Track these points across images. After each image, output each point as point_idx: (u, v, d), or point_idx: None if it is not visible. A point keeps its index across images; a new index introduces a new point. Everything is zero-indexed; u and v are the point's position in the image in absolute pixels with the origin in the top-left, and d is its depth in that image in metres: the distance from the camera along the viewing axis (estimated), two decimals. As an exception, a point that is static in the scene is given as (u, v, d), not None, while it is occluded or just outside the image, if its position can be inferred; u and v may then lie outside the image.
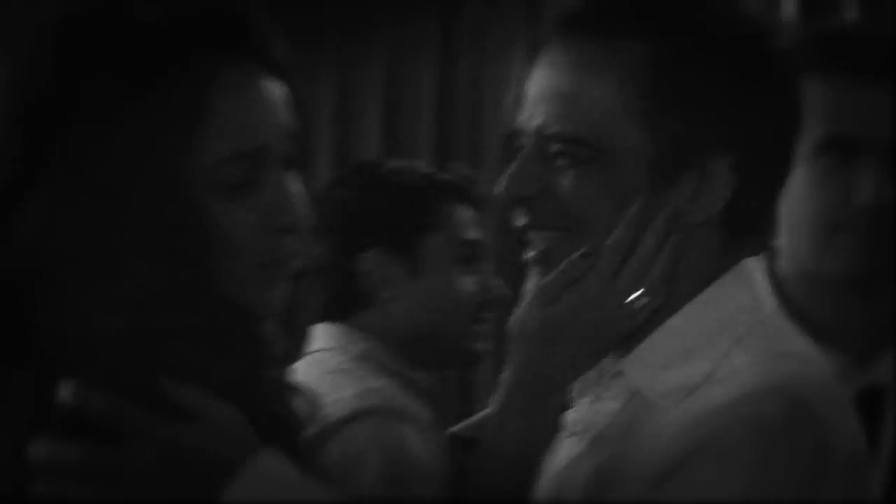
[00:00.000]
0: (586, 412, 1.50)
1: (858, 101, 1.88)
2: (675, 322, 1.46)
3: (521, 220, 1.48)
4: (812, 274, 1.93)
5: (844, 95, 1.89)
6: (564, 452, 1.50)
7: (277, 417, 1.37)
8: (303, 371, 2.35)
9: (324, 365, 2.34)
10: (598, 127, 1.43)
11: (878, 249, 1.90)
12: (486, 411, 1.82)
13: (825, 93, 1.89)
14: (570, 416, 1.51)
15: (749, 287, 1.48)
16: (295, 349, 2.43)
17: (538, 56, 1.49)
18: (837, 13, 3.48)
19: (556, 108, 1.45)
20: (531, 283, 1.48)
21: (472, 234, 2.45)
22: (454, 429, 1.93)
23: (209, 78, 1.32)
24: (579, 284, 1.44)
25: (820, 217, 1.90)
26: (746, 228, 1.48)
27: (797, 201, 1.92)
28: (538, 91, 1.47)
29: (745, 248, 1.49)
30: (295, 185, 1.39)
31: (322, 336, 2.42)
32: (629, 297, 1.43)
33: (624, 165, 1.43)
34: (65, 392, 1.24)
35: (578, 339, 1.44)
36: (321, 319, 2.43)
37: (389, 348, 2.40)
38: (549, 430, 1.47)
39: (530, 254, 1.49)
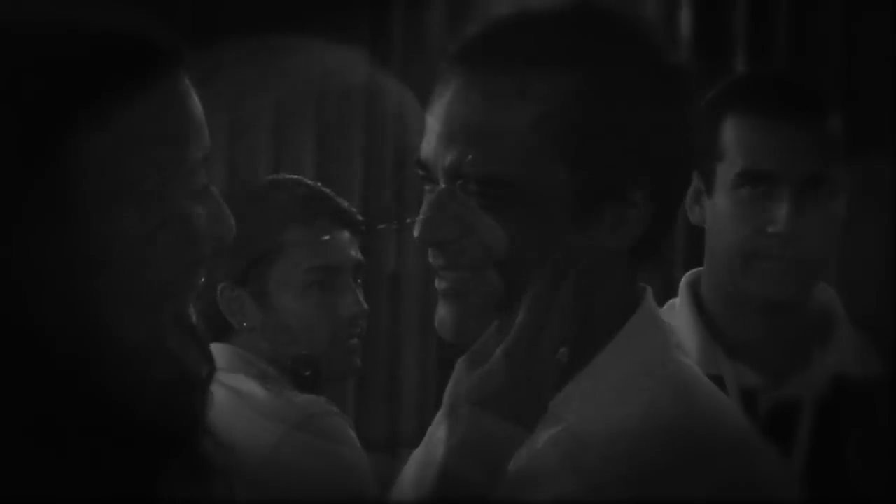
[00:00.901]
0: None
1: (774, 139, 2.06)
2: (601, 363, 1.44)
3: (437, 261, 1.43)
4: (731, 296, 2.10)
5: (762, 134, 2.06)
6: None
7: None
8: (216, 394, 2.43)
9: (235, 385, 2.36)
10: (517, 166, 1.38)
11: (791, 274, 2.07)
12: None
13: (745, 131, 2.07)
14: None
15: (658, 325, 1.49)
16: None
17: (439, 85, 1.43)
18: (725, 54, 3.67)
19: (470, 147, 1.39)
20: (441, 311, 1.44)
21: (321, 259, 2.43)
22: None
23: (176, 80, 1.24)
24: (506, 343, 1.40)
25: (738, 243, 2.07)
26: (650, 254, 1.48)
27: (718, 229, 2.09)
28: (446, 126, 1.41)
29: (643, 272, 1.49)
30: None
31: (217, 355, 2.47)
32: (555, 351, 1.40)
33: (546, 203, 1.39)
34: None
35: (513, 397, 1.40)
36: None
37: (273, 369, 2.42)
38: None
39: (442, 285, 1.44)
